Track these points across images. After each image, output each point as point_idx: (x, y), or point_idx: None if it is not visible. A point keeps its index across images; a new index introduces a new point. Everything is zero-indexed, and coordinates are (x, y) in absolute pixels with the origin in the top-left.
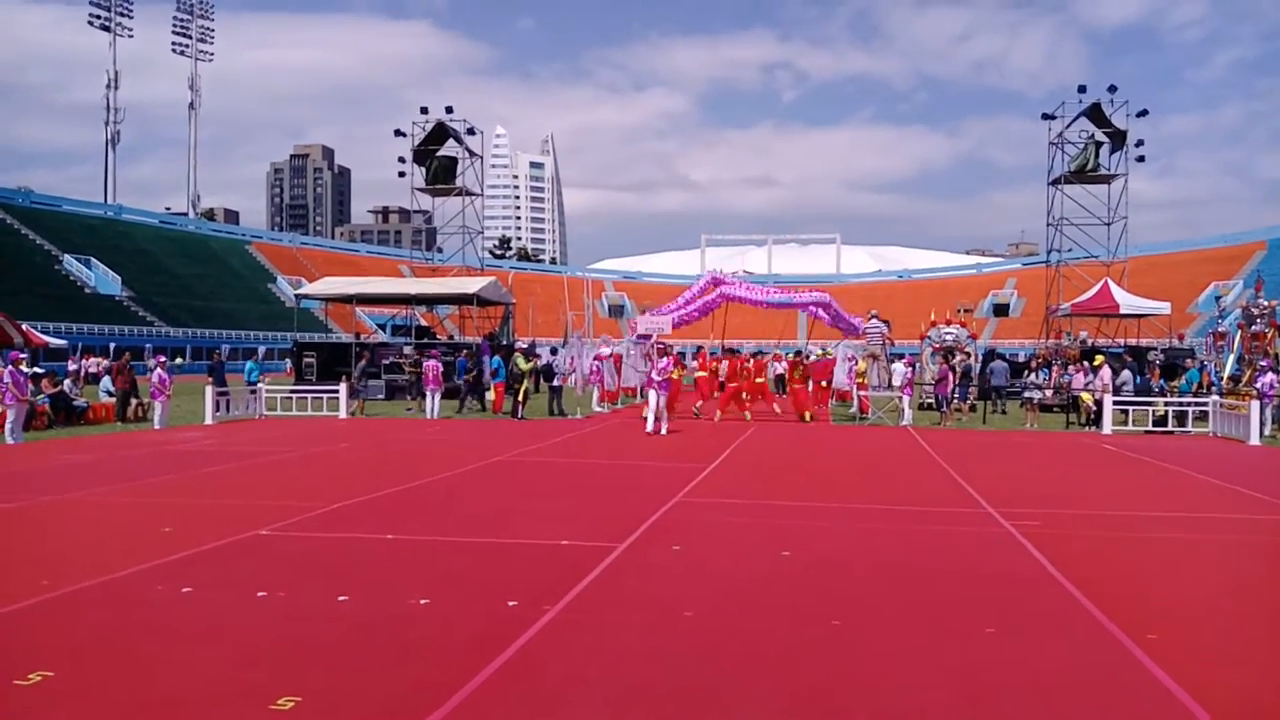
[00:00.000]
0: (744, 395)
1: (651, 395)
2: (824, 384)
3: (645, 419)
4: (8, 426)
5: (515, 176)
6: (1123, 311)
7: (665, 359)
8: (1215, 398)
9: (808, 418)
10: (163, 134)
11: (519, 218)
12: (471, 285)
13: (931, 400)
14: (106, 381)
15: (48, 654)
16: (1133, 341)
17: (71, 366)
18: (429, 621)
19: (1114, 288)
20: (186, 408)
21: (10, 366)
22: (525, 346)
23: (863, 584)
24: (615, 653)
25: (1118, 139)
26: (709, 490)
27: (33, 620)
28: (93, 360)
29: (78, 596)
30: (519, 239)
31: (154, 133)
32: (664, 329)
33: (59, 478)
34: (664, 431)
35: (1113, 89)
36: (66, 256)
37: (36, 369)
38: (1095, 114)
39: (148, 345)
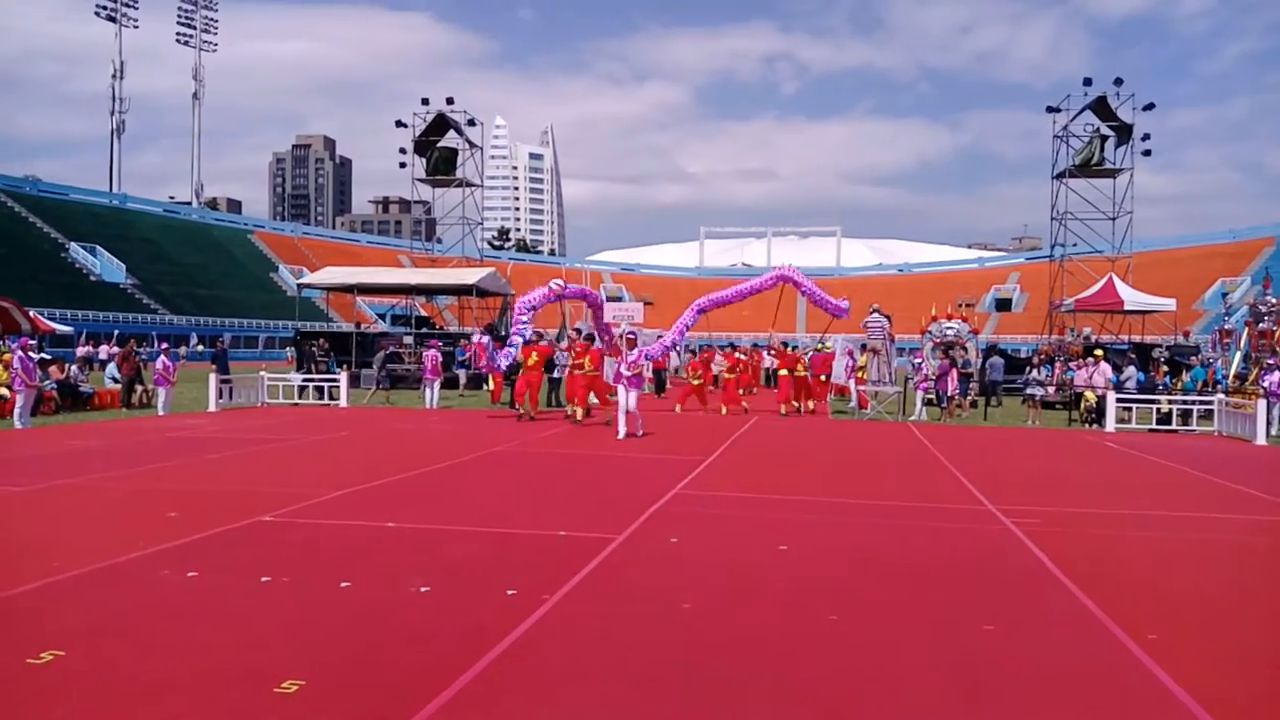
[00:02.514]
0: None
1: (621, 393)
2: (823, 378)
3: (616, 421)
4: (16, 411)
5: (514, 168)
6: (1127, 307)
7: (635, 351)
8: (1221, 396)
9: (783, 411)
10: (167, 124)
11: (518, 209)
12: (471, 276)
13: (932, 396)
14: (112, 368)
15: (58, 634)
16: (1137, 338)
17: (80, 352)
18: (429, 609)
19: (1119, 283)
20: (190, 395)
21: (20, 353)
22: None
23: (860, 579)
24: (613, 643)
25: (1123, 132)
26: (707, 483)
27: (44, 601)
28: (102, 347)
29: (87, 579)
30: (518, 230)
31: (158, 122)
32: (635, 317)
33: (66, 462)
34: (638, 433)
35: (1119, 82)
36: (73, 244)
37: (44, 355)
38: (1101, 107)
39: (152, 332)
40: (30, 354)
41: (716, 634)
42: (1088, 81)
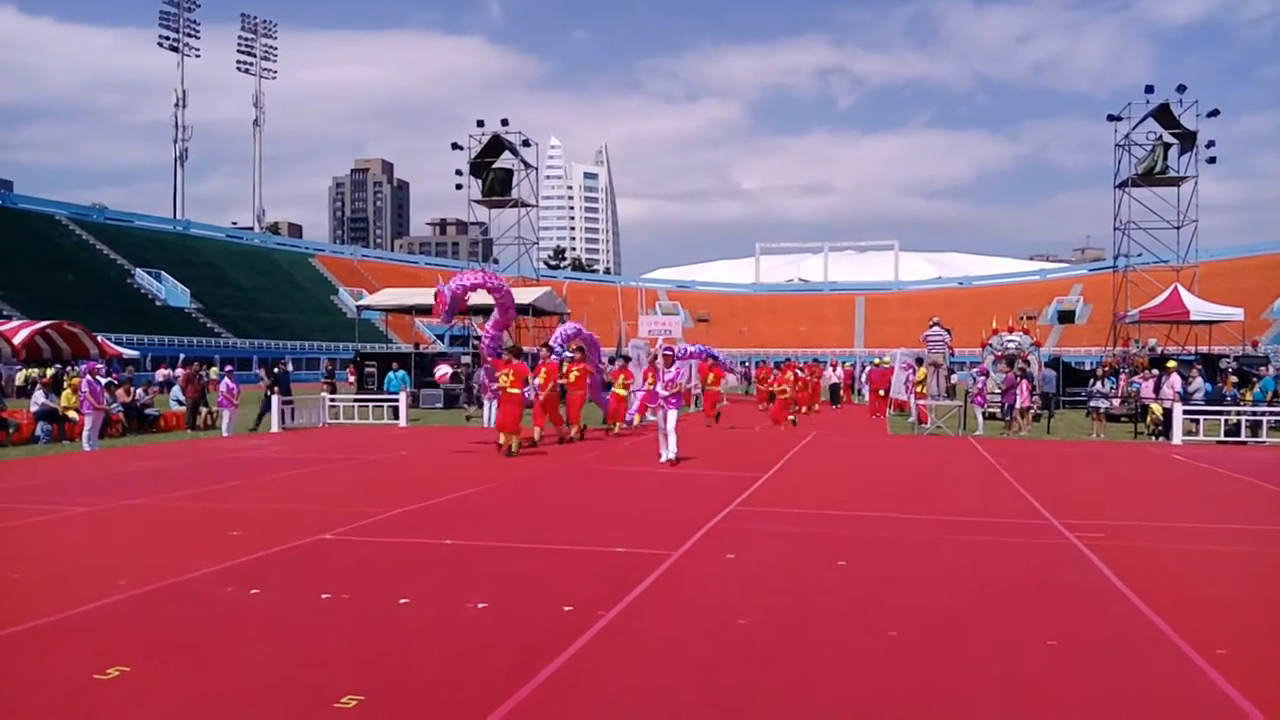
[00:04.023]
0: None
1: (660, 415)
2: (881, 393)
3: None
4: (85, 434)
5: (569, 187)
6: (1193, 318)
7: (673, 369)
8: None
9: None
10: (228, 150)
11: (573, 228)
12: (527, 295)
13: (995, 410)
14: (176, 390)
15: (124, 650)
16: (1204, 349)
17: (160, 376)
18: (486, 625)
19: (1184, 293)
20: (253, 416)
21: (88, 377)
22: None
23: (921, 595)
24: (669, 659)
25: (1187, 140)
26: (764, 499)
27: (110, 618)
28: (179, 370)
29: (152, 596)
30: (573, 249)
31: (220, 150)
32: (672, 331)
33: (133, 483)
34: (672, 456)
35: (1181, 89)
36: (138, 270)
37: (111, 379)
38: (1163, 115)
39: (215, 355)
40: (98, 378)
41: (774, 650)
42: (1149, 89)
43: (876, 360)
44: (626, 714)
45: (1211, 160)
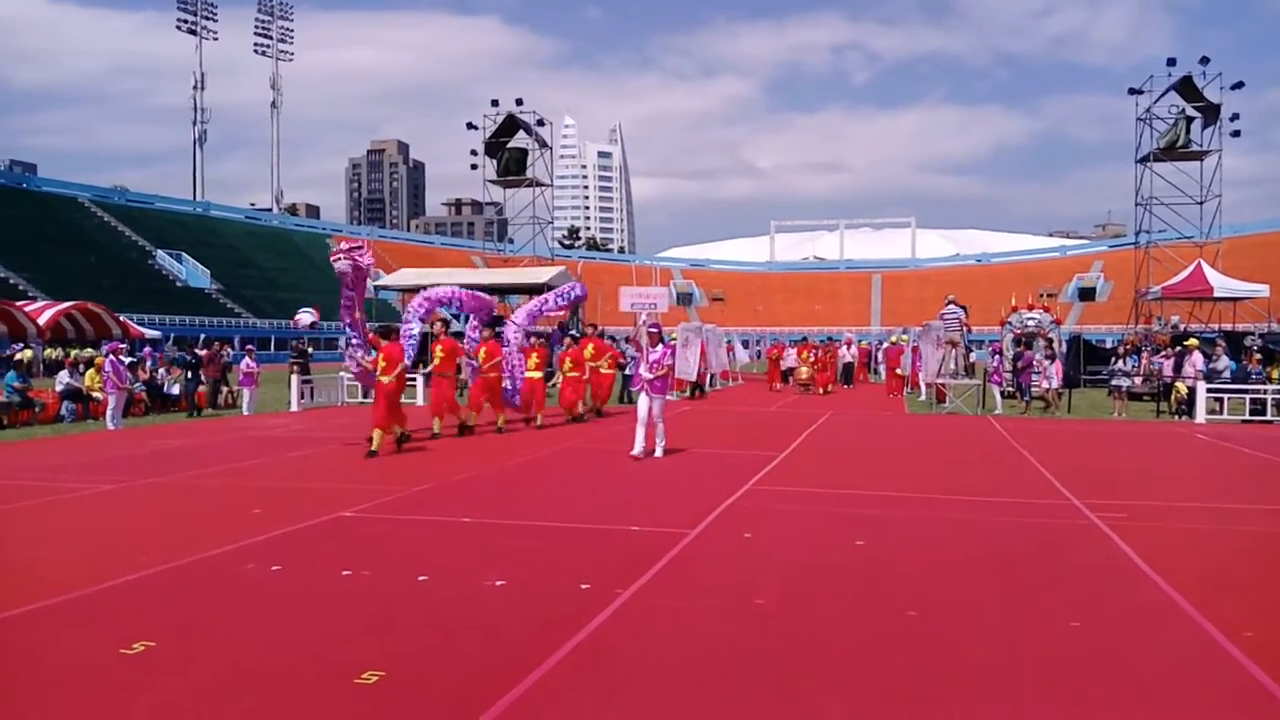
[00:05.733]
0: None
1: (641, 402)
2: (898, 371)
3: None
4: (109, 413)
5: (584, 166)
6: (1217, 294)
7: (659, 349)
8: None
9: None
10: (246, 133)
11: (588, 207)
12: (542, 275)
13: (1011, 388)
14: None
15: (149, 626)
16: (1228, 326)
17: (191, 358)
18: (504, 602)
19: (1207, 269)
20: (274, 395)
21: (111, 357)
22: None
23: (940, 574)
24: (686, 637)
25: (1210, 113)
26: (781, 478)
27: (134, 595)
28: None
29: (175, 573)
30: (588, 229)
31: (238, 132)
32: (658, 306)
33: (156, 461)
34: (658, 452)
35: (1204, 61)
36: (159, 252)
37: (132, 358)
38: (1186, 88)
39: (235, 335)
40: (121, 358)
41: (792, 629)
42: (1171, 61)
43: (893, 339)
44: (644, 692)
45: (1235, 134)
